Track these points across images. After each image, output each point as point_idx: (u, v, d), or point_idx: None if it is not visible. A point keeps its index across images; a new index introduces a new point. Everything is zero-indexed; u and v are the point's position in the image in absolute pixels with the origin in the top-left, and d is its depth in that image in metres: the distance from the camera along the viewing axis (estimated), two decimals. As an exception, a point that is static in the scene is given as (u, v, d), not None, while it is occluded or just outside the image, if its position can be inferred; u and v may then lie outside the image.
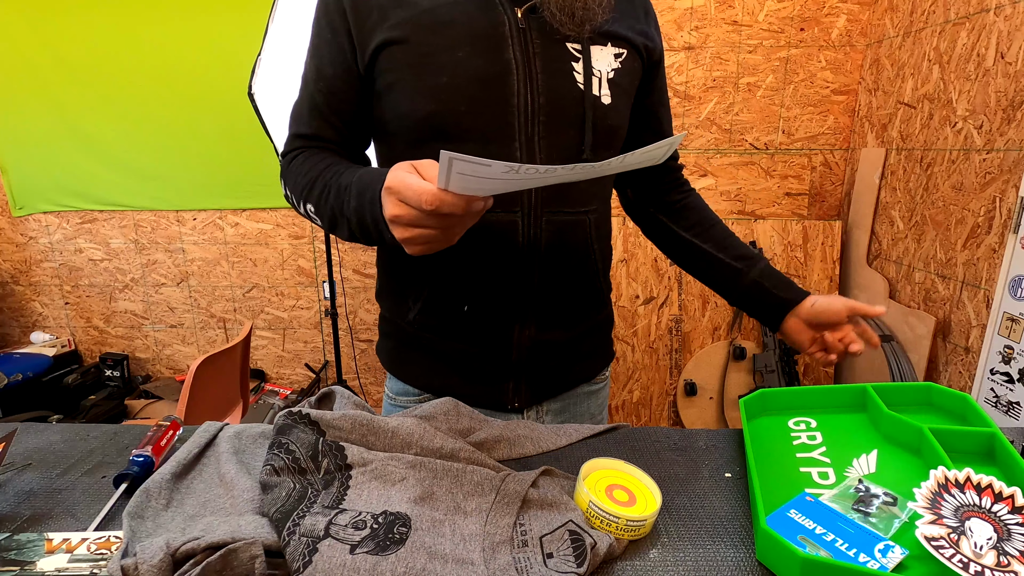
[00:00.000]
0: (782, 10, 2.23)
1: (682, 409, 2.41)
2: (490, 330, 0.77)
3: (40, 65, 2.43)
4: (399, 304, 0.81)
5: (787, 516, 0.50)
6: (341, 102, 0.74)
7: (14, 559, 0.46)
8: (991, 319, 1.59)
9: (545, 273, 0.75)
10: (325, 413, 0.58)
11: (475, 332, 0.77)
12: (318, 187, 0.68)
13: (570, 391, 0.86)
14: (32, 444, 0.66)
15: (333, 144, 0.75)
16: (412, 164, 0.55)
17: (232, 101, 2.38)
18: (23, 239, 2.73)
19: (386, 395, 0.88)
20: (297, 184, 0.71)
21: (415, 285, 0.78)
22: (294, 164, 0.73)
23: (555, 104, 0.70)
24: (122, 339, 2.86)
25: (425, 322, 0.79)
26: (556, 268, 0.76)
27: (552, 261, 0.75)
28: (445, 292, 0.77)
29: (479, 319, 0.77)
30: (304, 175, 0.70)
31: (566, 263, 0.77)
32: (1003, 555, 0.44)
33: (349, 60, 0.71)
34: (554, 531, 0.48)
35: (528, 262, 0.74)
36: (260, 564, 0.43)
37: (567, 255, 0.76)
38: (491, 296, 0.76)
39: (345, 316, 2.71)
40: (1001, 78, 1.60)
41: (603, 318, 0.88)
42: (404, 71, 0.69)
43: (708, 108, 2.35)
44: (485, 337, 0.78)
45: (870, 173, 2.18)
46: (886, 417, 0.64)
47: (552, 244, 0.74)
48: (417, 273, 0.77)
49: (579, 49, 0.72)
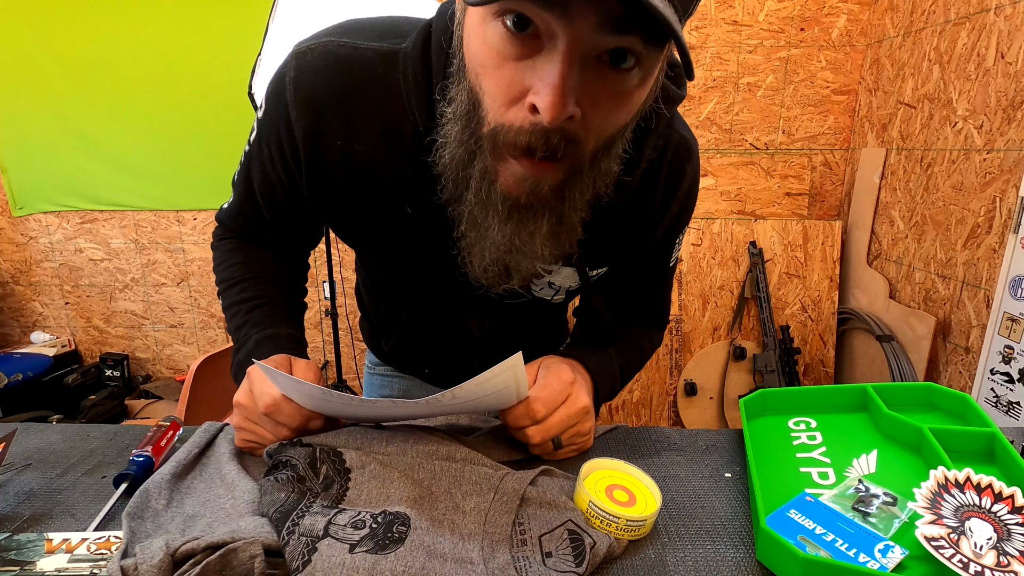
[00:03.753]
0: (782, 10, 2.23)
1: (682, 409, 2.41)
2: (449, 377, 0.81)
3: (40, 65, 2.43)
4: (374, 338, 0.88)
5: (787, 516, 0.50)
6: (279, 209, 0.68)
7: (14, 559, 0.46)
8: (991, 319, 1.59)
9: (499, 346, 0.77)
10: (316, 436, 0.59)
11: (436, 376, 0.86)
12: (227, 298, 0.71)
13: None
14: (32, 444, 0.66)
15: (266, 232, 0.72)
16: (282, 360, 0.60)
17: (232, 101, 2.38)
18: (23, 239, 2.73)
19: (366, 365, 0.93)
20: (217, 274, 0.73)
21: (385, 335, 0.84)
22: (223, 245, 0.75)
23: (507, 305, 0.71)
24: (122, 339, 2.86)
25: (395, 360, 0.88)
26: (509, 343, 0.78)
27: (504, 338, 0.78)
28: (408, 353, 0.84)
29: (437, 374, 0.85)
30: (223, 270, 0.72)
31: (522, 337, 0.78)
32: (1003, 555, 0.44)
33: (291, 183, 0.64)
34: (553, 530, 0.48)
35: (481, 342, 0.78)
36: (260, 564, 0.43)
37: (523, 334, 0.79)
38: (446, 362, 0.82)
39: (345, 316, 2.71)
40: (1001, 78, 1.60)
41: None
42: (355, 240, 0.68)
43: (708, 108, 2.35)
44: (445, 376, 0.84)
45: (870, 173, 2.18)
46: (886, 417, 0.64)
47: (501, 329, 0.77)
48: (386, 330, 0.83)
49: (546, 268, 0.62)
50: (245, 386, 0.59)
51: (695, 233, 2.32)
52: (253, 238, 0.73)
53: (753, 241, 2.30)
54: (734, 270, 2.34)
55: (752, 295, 2.31)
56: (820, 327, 2.33)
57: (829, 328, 2.31)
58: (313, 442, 0.57)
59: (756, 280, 2.28)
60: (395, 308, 0.78)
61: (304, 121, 0.56)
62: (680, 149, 0.62)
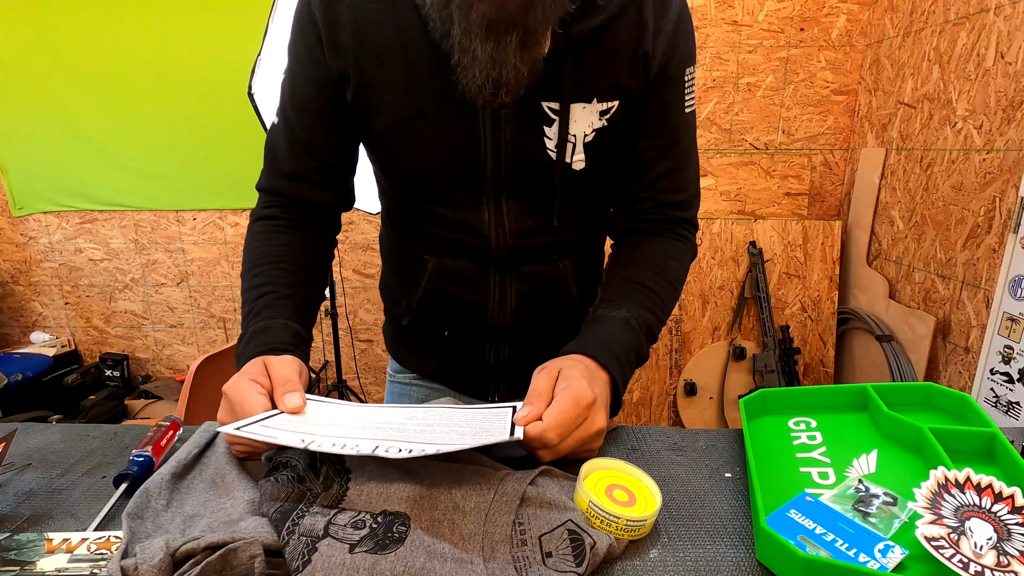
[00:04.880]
0: (782, 10, 2.23)
1: (682, 409, 2.41)
2: (468, 348, 0.82)
3: (40, 65, 2.43)
4: (395, 305, 0.86)
5: (787, 516, 0.50)
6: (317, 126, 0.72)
7: (14, 559, 0.46)
8: (991, 319, 1.59)
9: (519, 317, 0.78)
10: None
11: (455, 346, 0.83)
12: (243, 282, 0.73)
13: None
14: (32, 444, 0.66)
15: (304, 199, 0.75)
16: (264, 367, 0.61)
17: (232, 101, 2.39)
18: (23, 239, 2.73)
19: (388, 373, 0.95)
20: (244, 259, 0.75)
21: (407, 299, 0.82)
22: (254, 228, 0.76)
23: (523, 172, 0.70)
24: (122, 339, 2.86)
25: (414, 329, 0.84)
26: (529, 313, 0.79)
27: (524, 308, 0.78)
28: (429, 316, 0.82)
29: (457, 340, 0.82)
30: (247, 252, 0.75)
31: (539, 308, 0.79)
32: (1003, 555, 0.44)
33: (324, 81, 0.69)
34: (553, 530, 0.48)
35: (500, 307, 0.77)
36: (260, 564, 0.43)
37: (541, 301, 0.79)
38: (467, 329, 0.81)
39: (345, 316, 2.71)
40: (1001, 78, 1.60)
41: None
42: (379, 126, 0.70)
43: (708, 108, 2.35)
44: (464, 350, 0.83)
45: (870, 173, 2.18)
46: (886, 417, 0.64)
47: (523, 294, 0.77)
48: (408, 290, 0.82)
49: (556, 110, 0.67)
50: (225, 405, 0.59)
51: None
52: (285, 198, 0.76)
53: (753, 241, 2.30)
54: (734, 270, 2.34)
55: (752, 295, 2.31)
56: (820, 327, 2.33)
57: (829, 328, 2.32)
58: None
59: (756, 280, 2.28)
60: (417, 248, 0.78)
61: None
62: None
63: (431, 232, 0.75)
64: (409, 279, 0.81)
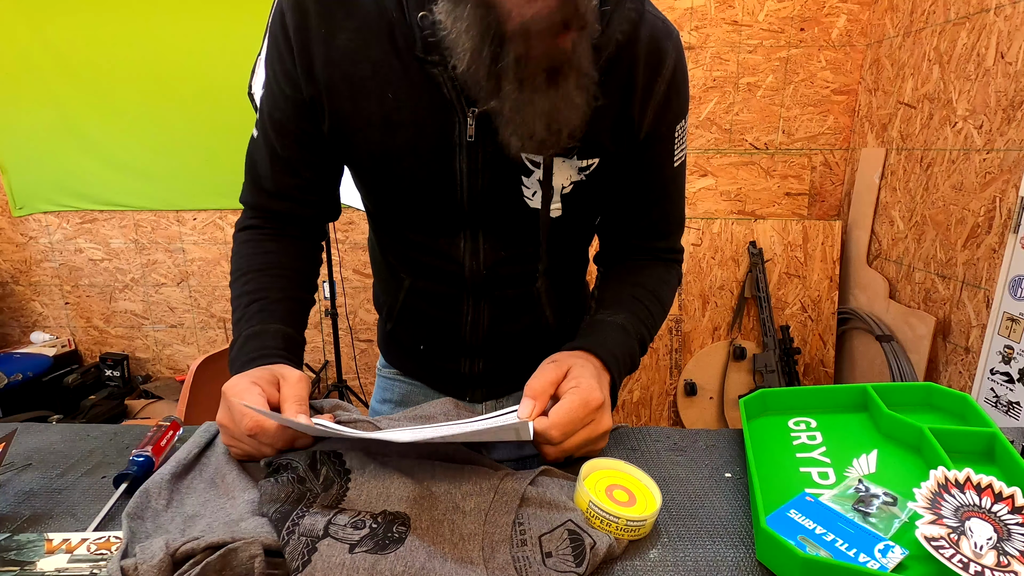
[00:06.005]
0: (782, 10, 2.23)
1: (682, 409, 2.41)
2: (443, 359, 0.83)
3: (40, 65, 2.43)
4: (380, 308, 0.89)
5: (787, 516, 0.50)
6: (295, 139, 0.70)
7: (14, 559, 0.46)
8: (991, 319, 1.59)
9: (492, 336, 0.79)
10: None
11: (431, 357, 0.84)
12: (233, 289, 0.72)
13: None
14: (32, 444, 0.66)
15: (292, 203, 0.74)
16: (275, 377, 0.60)
17: (232, 101, 2.38)
18: (23, 239, 2.73)
19: (377, 366, 0.96)
20: (231, 265, 0.75)
21: (388, 308, 0.84)
22: (239, 237, 0.76)
23: (499, 217, 0.70)
24: (122, 339, 2.87)
25: (397, 333, 0.86)
26: (502, 334, 0.79)
27: (497, 329, 0.79)
28: (406, 327, 0.84)
29: (432, 352, 0.84)
30: (234, 261, 0.74)
31: (513, 330, 0.79)
32: (1003, 555, 0.44)
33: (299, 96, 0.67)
34: (553, 530, 0.48)
35: (473, 328, 0.78)
36: (259, 564, 0.43)
37: (514, 324, 0.79)
38: (441, 344, 0.82)
39: (345, 316, 2.71)
40: (1001, 78, 1.60)
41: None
42: (355, 157, 0.70)
43: (708, 108, 2.35)
44: (439, 360, 0.84)
45: (870, 173, 2.18)
46: (886, 417, 0.64)
47: (497, 317, 0.78)
48: (388, 301, 0.83)
49: (536, 162, 0.65)
50: (224, 406, 0.59)
51: (695, 233, 2.32)
52: (268, 213, 0.75)
53: (753, 241, 2.30)
54: (734, 270, 2.34)
55: (752, 295, 2.31)
56: (820, 327, 2.33)
57: (829, 328, 2.32)
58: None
59: (756, 280, 2.28)
60: (395, 265, 0.78)
61: (294, 20, 0.62)
62: (656, 27, 0.64)
63: (407, 254, 0.76)
64: (388, 291, 0.82)
